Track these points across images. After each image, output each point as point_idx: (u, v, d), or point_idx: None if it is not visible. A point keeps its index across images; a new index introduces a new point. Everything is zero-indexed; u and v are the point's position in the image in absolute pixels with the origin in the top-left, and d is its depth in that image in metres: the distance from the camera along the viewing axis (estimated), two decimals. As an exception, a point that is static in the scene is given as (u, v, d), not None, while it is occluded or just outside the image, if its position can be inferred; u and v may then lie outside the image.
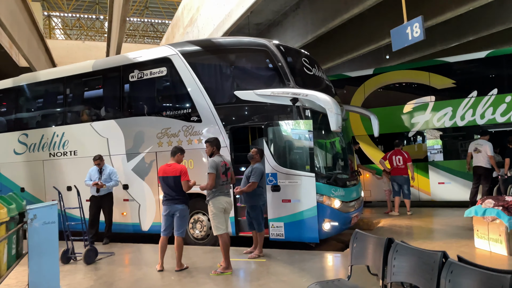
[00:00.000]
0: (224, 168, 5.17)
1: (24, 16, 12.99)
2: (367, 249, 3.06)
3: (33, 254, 4.20)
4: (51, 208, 4.31)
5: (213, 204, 5.07)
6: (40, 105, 9.70)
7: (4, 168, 9.72)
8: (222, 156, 5.40)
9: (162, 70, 7.62)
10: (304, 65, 6.96)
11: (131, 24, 40.97)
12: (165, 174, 5.32)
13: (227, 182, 5.25)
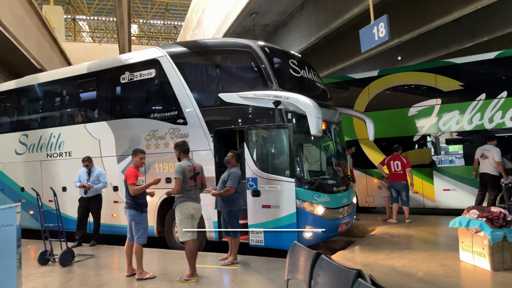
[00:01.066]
0: (192, 173, 5.03)
1: (33, 20, 13.32)
2: (300, 262, 2.87)
3: (-12, 256, 4.19)
4: (9, 211, 4.27)
5: (180, 210, 4.94)
6: (39, 106, 9.86)
7: (6, 168, 9.93)
8: (191, 160, 5.27)
9: (151, 72, 7.58)
10: (290, 67, 6.76)
11: (152, 26, 41.64)
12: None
13: (196, 187, 5.10)
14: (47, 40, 15.32)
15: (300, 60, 7.31)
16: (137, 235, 5.10)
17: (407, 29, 11.82)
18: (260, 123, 6.32)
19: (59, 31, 26.77)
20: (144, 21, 40.69)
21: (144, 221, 5.20)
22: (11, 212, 4.27)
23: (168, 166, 7.32)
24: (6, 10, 10.39)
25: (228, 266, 5.52)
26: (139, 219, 5.14)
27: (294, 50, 13.58)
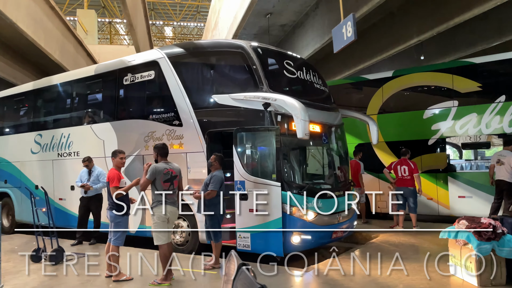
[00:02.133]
0: (168, 176, 5.00)
1: (55, 24, 13.84)
2: (230, 272, 2.73)
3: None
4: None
5: (155, 213, 4.92)
6: (52, 107, 10.19)
7: (23, 166, 10.32)
8: (170, 163, 5.24)
9: (151, 74, 7.63)
10: (285, 68, 6.60)
11: (183, 28, 42.33)
12: None
13: (173, 190, 5.06)
14: (72, 43, 15.92)
15: (297, 61, 7.14)
16: (114, 237, 5.12)
17: (426, 28, 11.32)
18: (251, 126, 6.21)
19: (91, 34, 27.77)
20: (177, 23, 41.51)
21: (123, 224, 5.22)
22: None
23: (165, 167, 7.34)
24: (23, 14, 10.86)
25: (208, 271, 5.45)
26: (118, 221, 5.16)
27: (309, 50, 13.37)
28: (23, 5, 10.97)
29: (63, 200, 9.28)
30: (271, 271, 5.38)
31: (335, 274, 5.19)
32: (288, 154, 6.21)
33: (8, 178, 10.69)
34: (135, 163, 7.71)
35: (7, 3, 9.94)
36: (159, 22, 42.30)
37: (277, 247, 5.76)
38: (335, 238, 6.60)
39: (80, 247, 7.50)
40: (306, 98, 6.91)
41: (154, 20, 41.50)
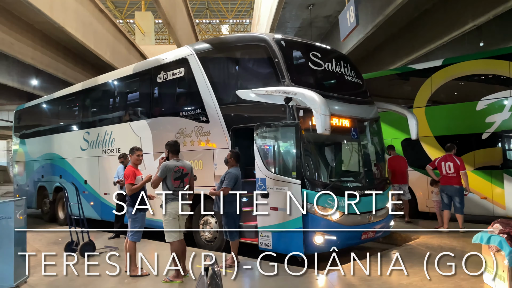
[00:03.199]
0: (179, 174, 4.96)
1: (105, 26, 14.54)
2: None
3: (-9, 244, 4.62)
4: (7, 205, 4.68)
5: (166, 210, 4.92)
6: (97, 106, 10.69)
7: (74, 162, 10.96)
8: (181, 160, 5.21)
9: (181, 71, 7.70)
10: (310, 60, 6.30)
11: (237, 25, 42.70)
12: None
13: (184, 188, 5.02)
14: (123, 44, 16.69)
15: (326, 52, 6.81)
16: (131, 233, 5.20)
17: (481, 11, 10.33)
18: (273, 121, 6.02)
19: (148, 35, 28.92)
20: (233, 20, 42.00)
21: (140, 220, 5.29)
22: (9, 206, 4.65)
23: (194, 163, 7.37)
24: (71, 18, 11.52)
25: (224, 269, 5.36)
26: (135, 217, 5.24)
27: (354, 41, 12.82)
28: (71, 9, 11.65)
29: (107, 194, 9.71)
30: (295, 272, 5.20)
31: (351, 279, 4.89)
32: (311, 150, 5.94)
33: (62, 173, 11.41)
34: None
35: (54, 8, 10.61)
36: (215, 20, 43.09)
37: (298, 247, 5.54)
38: (366, 239, 6.23)
39: (117, 240, 7.78)
40: (335, 91, 6.59)
41: (210, 18, 42.38)
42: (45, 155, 12.20)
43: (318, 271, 5.19)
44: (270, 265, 5.58)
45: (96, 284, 5.01)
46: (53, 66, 15.73)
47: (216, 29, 45.01)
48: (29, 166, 13.31)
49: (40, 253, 5.24)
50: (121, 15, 33.95)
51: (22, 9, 11.34)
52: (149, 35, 29.00)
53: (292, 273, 4.92)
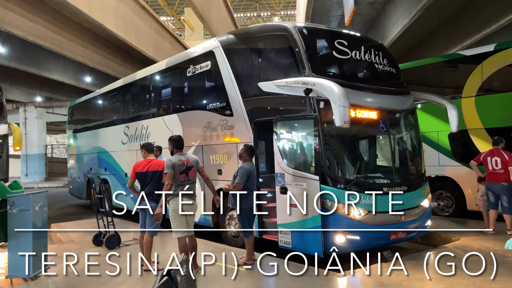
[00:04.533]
0: (183, 167, 4.86)
1: (148, 23, 14.85)
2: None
3: (11, 236, 4.82)
4: (26, 197, 4.85)
5: (172, 205, 4.85)
6: (135, 100, 10.95)
7: (116, 156, 11.35)
8: (185, 154, 5.11)
9: (208, 64, 7.62)
10: (335, 49, 5.92)
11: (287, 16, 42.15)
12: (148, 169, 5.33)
13: (189, 182, 4.92)
14: (167, 40, 17.01)
15: (355, 40, 6.39)
16: (152, 227, 5.19)
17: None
18: (294, 113, 5.75)
19: (197, 30, 29.39)
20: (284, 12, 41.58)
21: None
22: (27, 199, 4.81)
23: (220, 158, 7.29)
24: (110, 15, 11.86)
25: (238, 267, 5.20)
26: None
27: (398, 27, 12.04)
28: (110, 7, 12.01)
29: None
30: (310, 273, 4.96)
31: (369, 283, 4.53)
32: (333, 144, 5.59)
33: (107, 166, 11.88)
34: (196, 153, 7.81)
35: (93, 6, 11.00)
36: (265, 13, 42.87)
37: (316, 246, 5.25)
38: (395, 239, 5.79)
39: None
40: (362, 81, 6.19)
41: (259, 11, 42.25)
42: (93, 148, 12.78)
43: (338, 272, 4.92)
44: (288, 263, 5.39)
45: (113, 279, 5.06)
46: (102, 63, 16.42)
47: (266, 21, 44.79)
48: (80, 159, 14.03)
49: (65, 245, 5.38)
50: (172, 12, 34.80)
51: (70, 9, 11.87)
52: (197, 30, 29.47)
53: (294, 273, 4.64)
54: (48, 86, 21.87)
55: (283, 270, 5.22)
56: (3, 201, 4.89)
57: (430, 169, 8.18)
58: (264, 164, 7.10)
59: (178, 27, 38.58)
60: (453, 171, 8.81)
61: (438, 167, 8.91)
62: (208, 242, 6.92)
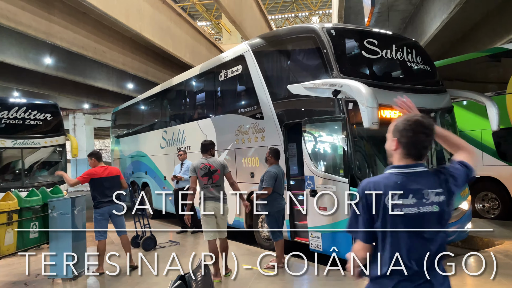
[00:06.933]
0: (205, 171, 4.93)
1: (184, 29, 15.17)
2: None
3: (53, 237, 5.11)
4: (65, 202, 5.12)
5: (201, 209, 4.94)
6: (172, 106, 11.24)
7: (156, 159, 11.71)
8: (210, 158, 5.16)
9: (239, 68, 7.70)
10: (364, 48, 5.81)
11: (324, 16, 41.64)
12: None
13: (213, 185, 4.98)
14: (203, 45, 17.30)
15: (386, 38, 6.23)
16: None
17: None
18: (323, 116, 5.69)
19: (234, 33, 29.67)
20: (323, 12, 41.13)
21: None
22: (66, 203, 5.08)
23: (252, 161, 7.34)
24: (147, 24, 12.25)
25: (268, 270, 5.22)
26: None
27: (437, 22, 11.57)
28: (147, 15, 12.42)
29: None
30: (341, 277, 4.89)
31: None
32: (362, 146, 5.47)
33: (147, 170, 12.28)
34: (229, 156, 7.91)
35: (130, 16, 11.42)
36: (303, 13, 42.57)
37: (347, 250, 5.14)
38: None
39: (183, 235, 8.11)
40: (394, 80, 6.02)
41: (297, 12, 42.01)
42: (134, 152, 13.25)
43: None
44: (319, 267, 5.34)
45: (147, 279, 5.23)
46: (142, 69, 17.00)
47: (304, 22, 44.45)
48: (122, 163, 14.58)
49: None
50: (210, 16, 35.37)
51: (110, 20, 12.39)
52: (235, 34, 29.73)
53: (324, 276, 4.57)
54: (94, 94, 22.92)
55: (313, 273, 5.20)
56: (45, 205, 5.20)
57: (473, 170, 7.80)
58: (296, 166, 7.08)
59: (217, 31, 39.16)
60: (498, 171, 8.35)
61: (482, 167, 8.48)
62: (241, 244, 6.99)
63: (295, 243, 6.26)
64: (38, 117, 10.66)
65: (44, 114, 10.82)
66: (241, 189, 7.31)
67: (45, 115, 10.85)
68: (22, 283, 5.15)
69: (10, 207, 4.77)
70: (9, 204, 4.81)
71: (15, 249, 4.85)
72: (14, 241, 4.85)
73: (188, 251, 6.91)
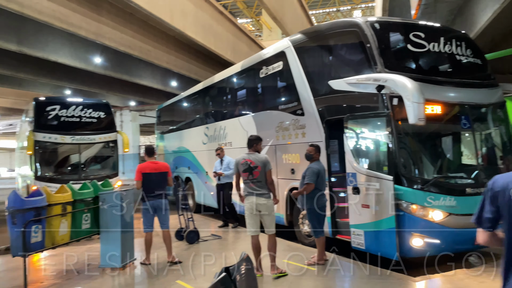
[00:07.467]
0: (245, 166, 4.96)
1: (225, 27, 15.31)
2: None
3: (103, 228, 5.36)
4: (115, 195, 5.35)
5: (244, 205, 5.00)
6: (213, 103, 11.42)
7: (198, 155, 11.96)
8: (250, 154, 5.16)
9: (280, 64, 7.70)
10: (410, 42, 5.63)
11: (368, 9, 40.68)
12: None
13: (253, 180, 4.98)
14: (244, 42, 17.41)
15: (434, 31, 6.02)
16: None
17: None
18: (366, 111, 5.59)
19: (275, 30, 29.64)
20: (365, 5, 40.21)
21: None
22: (116, 196, 5.31)
23: (292, 157, 7.34)
24: (190, 23, 12.48)
25: (309, 267, 5.21)
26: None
27: (488, 14, 10.95)
28: (190, 14, 12.67)
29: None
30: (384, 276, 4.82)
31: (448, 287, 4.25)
32: (407, 143, 5.32)
33: (190, 165, 12.58)
34: (269, 153, 7.94)
35: (174, 15, 11.69)
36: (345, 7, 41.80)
37: (390, 249, 5.06)
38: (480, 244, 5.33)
39: (224, 229, 8.26)
40: (441, 74, 5.81)
41: (338, 6, 41.32)
42: (177, 148, 13.60)
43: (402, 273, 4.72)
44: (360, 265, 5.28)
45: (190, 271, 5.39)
46: (185, 67, 17.38)
47: (346, 16, 43.63)
48: (167, 158, 15.00)
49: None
50: (251, 13, 35.52)
51: (155, 19, 12.77)
52: (275, 30, 29.69)
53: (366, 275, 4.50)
54: (139, 91, 23.71)
55: (355, 271, 5.15)
56: (96, 198, 5.46)
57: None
58: (338, 163, 7.00)
59: (257, 28, 39.28)
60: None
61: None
62: (281, 240, 7.00)
63: (336, 241, 6.21)
64: (93, 115, 11.46)
65: (98, 112, 11.65)
66: (281, 186, 7.36)
67: (99, 113, 11.67)
68: (74, 271, 5.45)
69: (64, 199, 5.07)
70: (63, 196, 5.10)
71: (68, 239, 5.14)
72: (68, 231, 5.15)
73: (229, 245, 7.03)
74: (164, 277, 5.13)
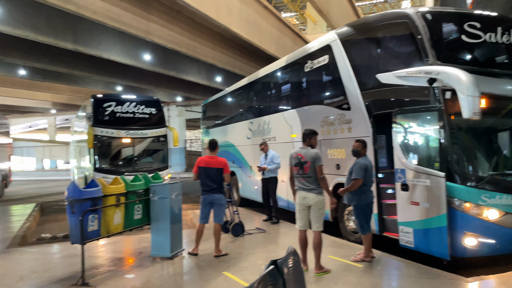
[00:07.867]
0: (296, 160, 4.93)
1: (270, 22, 15.26)
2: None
3: (153, 219, 5.58)
4: (165, 187, 5.55)
5: (295, 200, 5.00)
6: (258, 97, 11.46)
7: (242, 149, 12.10)
8: (302, 148, 5.11)
9: (325, 58, 7.60)
10: (464, 33, 5.37)
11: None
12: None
13: (303, 175, 4.94)
14: (289, 36, 17.30)
15: (490, 20, 5.69)
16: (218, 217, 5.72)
17: None
18: (416, 106, 5.41)
19: (320, 23, 29.22)
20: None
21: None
22: (165, 188, 5.51)
23: (338, 152, 7.25)
24: (235, 19, 12.56)
25: (355, 263, 5.14)
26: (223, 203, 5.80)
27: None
28: (235, 10, 12.76)
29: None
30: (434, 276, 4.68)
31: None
32: (461, 138, 5.09)
33: (234, 159, 12.73)
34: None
35: (220, 12, 11.83)
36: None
37: (441, 248, 4.88)
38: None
39: (268, 223, 8.33)
40: (499, 66, 5.52)
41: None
42: (222, 143, 13.80)
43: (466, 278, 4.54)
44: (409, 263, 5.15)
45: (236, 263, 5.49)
46: (230, 63, 17.58)
47: (394, 7, 42.15)
48: (211, 153, 15.27)
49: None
50: (295, 7, 35.22)
51: (201, 16, 13.01)
52: (320, 24, 29.27)
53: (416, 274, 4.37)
54: (185, 87, 24.31)
55: (403, 269, 5.04)
56: (147, 189, 5.69)
57: None
58: (385, 159, 6.83)
59: (302, 21, 38.90)
60: None
61: None
62: (326, 236, 6.96)
63: (383, 238, 6.08)
64: (145, 111, 12.07)
65: (149, 108, 12.23)
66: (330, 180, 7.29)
67: (150, 109, 12.24)
68: (127, 259, 5.73)
69: (118, 190, 5.33)
70: (117, 187, 5.35)
71: (122, 228, 5.39)
72: (121, 221, 5.40)
73: (274, 238, 7.08)
74: (211, 267, 5.26)
